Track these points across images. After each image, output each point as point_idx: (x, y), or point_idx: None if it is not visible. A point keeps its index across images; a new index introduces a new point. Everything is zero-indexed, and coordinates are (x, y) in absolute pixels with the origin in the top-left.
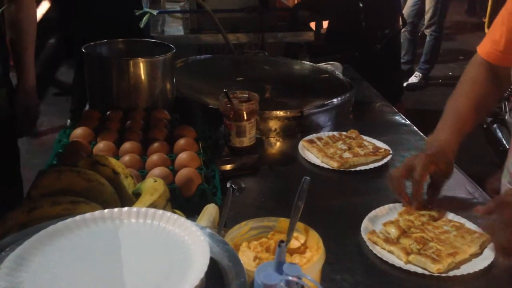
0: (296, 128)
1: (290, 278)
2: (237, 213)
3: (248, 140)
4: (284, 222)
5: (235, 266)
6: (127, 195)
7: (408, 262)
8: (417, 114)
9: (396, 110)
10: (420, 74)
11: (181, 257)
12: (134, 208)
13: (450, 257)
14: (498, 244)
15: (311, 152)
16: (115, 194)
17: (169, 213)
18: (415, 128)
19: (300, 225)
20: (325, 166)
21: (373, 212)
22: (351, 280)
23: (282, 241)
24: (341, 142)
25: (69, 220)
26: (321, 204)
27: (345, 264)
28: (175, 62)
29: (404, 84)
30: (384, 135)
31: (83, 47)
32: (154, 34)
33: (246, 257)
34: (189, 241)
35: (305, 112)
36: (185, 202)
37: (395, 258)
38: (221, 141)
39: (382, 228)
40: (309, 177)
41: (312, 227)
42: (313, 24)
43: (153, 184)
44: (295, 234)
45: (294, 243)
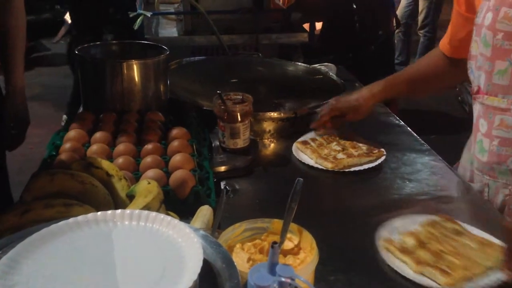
0: (290, 130)
1: (283, 279)
2: (231, 214)
3: (242, 141)
4: (278, 223)
5: (228, 268)
6: (121, 198)
7: (418, 271)
8: (411, 114)
9: (390, 111)
10: None
11: (175, 259)
12: (128, 211)
13: (462, 270)
14: None
15: (305, 153)
16: (108, 196)
17: (162, 215)
18: (408, 128)
19: (293, 226)
20: (319, 167)
21: (392, 222)
22: (345, 281)
23: (275, 242)
24: (335, 143)
25: (62, 222)
26: (315, 205)
27: (339, 265)
28: (169, 63)
29: None
30: (378, 135)
31: (77, 49)
32: (148, 36)
33: (240, 258)
34: (183, 243)
35: (299, 113)
36: (179, 204)
37: (404, 267)
38: (215, 143)
39: (399, 237)
40: (302, 179)
41: (306, 228)
42: (307, 26)
43: (147, 186)
44: (288, 235)
45: (288, 244)
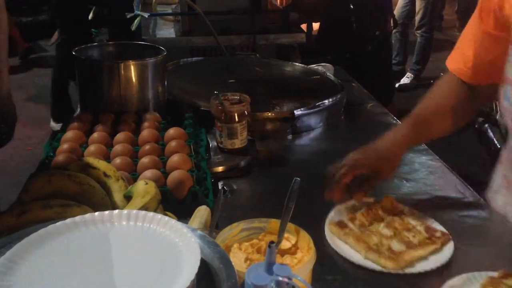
0: (288, 130)
1: (280, 278)
2: (228, 214)
3: (239, 142)
4: (275, 223)
5: (226, 268)
6: (118, 198)
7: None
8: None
9: (388, 111)
10: (412, 75)
11: (172, 259)
12: (125, 211)
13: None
14: None
15: (345, 241)
16: (106, 197)
17: (159, 215)
18: None
19: (291, 226)
20: (371, 266)
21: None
22: (342, 280)
23: (272, 242)
24: (382, 225)
25: (59, 223)
26: (313, 205)
27: (337, 264)
28: (166, 64)
29: (396, 85)
30: (376, 136)
31: (74, 50)
32: (145, 37)
33: (237, 258)
34: (180, 243)
35: (296, 113)
36: (176, 204)
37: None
38: (212, 143)
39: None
40: (299, 178)
41: (303, 228)
42: (304, 26)
43: (144, 187)
44: (286, 235)
45: (285, 244)
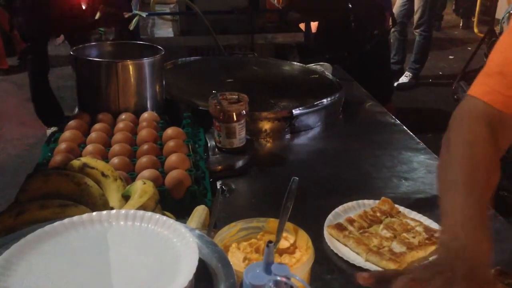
0: (286, 129)
1: (279, 278)
2: (227, 214)
3: (238, 141)
4: (273, 222)
5: (224, 267)
6: (116, 198)
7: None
8: (408, 113)
9: (386, 110)
10: (410, 74)
11: (170, 259)
12: (123, 211)
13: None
14: None
15: (344, 243)
16: (104, 197)
17: (157, 215)
18: (404, 128)
19: (289, 225)
20: (372, 267)
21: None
22: (341, 280)
23: (270, 242)
24: (382, 226)
25: (57, 223)
26: (311, 204)
27: (335, 264)
28: (164, 64)
29: (395, 84)
30: (374, 135)
31: (72, 50)
32: (144, 36)
33: (236, 258)
34: (178, 243)
35: (295, 112)
36: (175, 204)
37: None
38: (211, 143)
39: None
40: (297, 178)
41: (302, 227)
42: (302, 25)
43: (142, 187)
44: (284, 234)
45: (284, 244)
